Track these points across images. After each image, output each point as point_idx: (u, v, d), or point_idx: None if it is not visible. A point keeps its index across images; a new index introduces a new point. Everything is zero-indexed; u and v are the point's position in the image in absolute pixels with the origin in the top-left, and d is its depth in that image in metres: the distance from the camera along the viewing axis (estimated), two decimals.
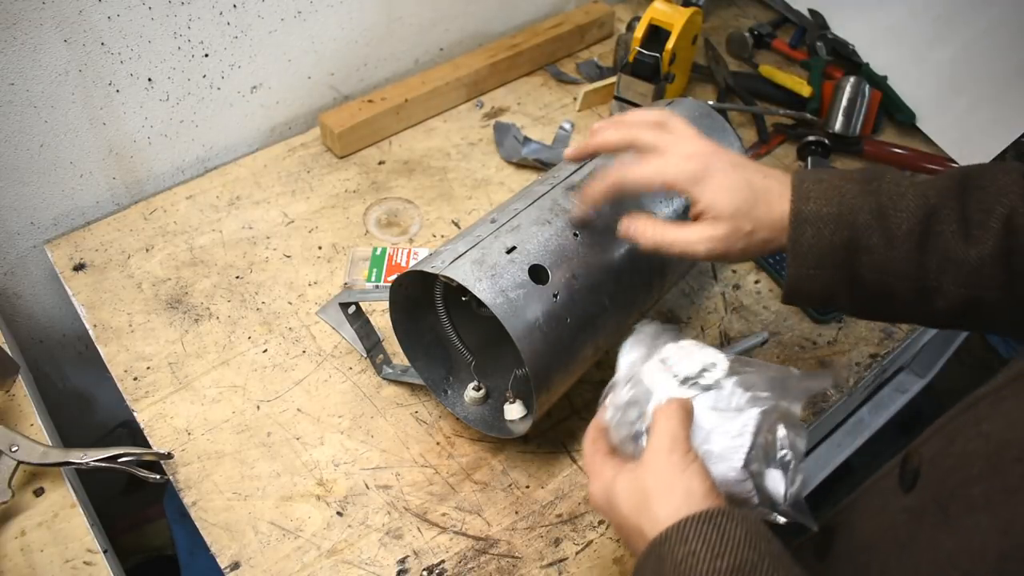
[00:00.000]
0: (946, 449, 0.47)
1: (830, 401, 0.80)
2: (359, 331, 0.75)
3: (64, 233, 0.90)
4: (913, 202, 0.55)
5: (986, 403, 0.45)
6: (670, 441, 0.49)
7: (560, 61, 1.17)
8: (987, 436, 0.44)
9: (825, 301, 0.59)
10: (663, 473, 0.48)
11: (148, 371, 0.78)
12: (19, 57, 0.77)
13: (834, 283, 0.57)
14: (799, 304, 0.62)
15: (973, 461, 0.44)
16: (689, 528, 0.44)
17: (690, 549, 0.43)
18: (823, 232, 0.56)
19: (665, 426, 0.50)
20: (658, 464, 0.49)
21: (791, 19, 1.24)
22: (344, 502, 0.70)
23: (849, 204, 0.56)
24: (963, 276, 0.54)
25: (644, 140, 0.61)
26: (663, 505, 0.47)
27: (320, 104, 1.05)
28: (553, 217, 0.66)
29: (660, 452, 0.49)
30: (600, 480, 0.52)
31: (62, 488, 0.69)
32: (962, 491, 0.43)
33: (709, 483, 0.48)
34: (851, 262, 0.56)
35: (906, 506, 0.48)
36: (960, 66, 1.07)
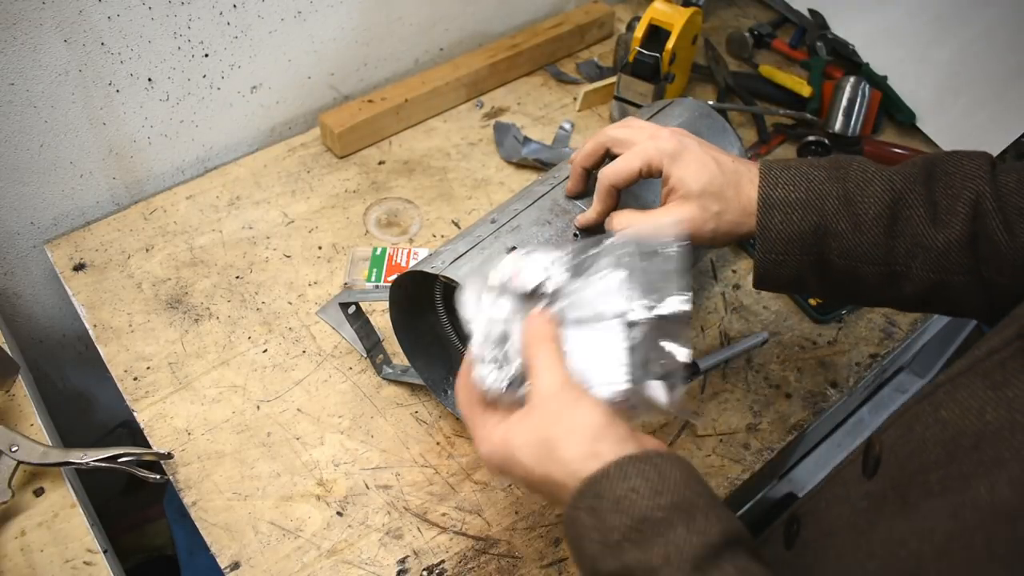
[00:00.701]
0: (905, 436, 0.47)
1: (830, 401, 0.80)
2: (359, 331, 0.75)
3: (64, 233, 0.90)
4: (880, 187, 0.56)
5: (944, 390, 0.45)
6: (551, 378, 0.48)
7: (560, 61, 1.17)
8: (944, 423, 0.44)
9: (795, 285, 0.60)
10: (557, 415, 0.47)
11: (148, 371, 0.78)
12: (19, 57, 0.77)
13: (803, 268, 0.58)
14: (771, 289, 0.62)
15: (931, 448, 0.44)
16: (629, 466, 0.44)
17: (631, 486, 0.43)
18: (791, 217, 0.57)
19: (540, 364, 0.49)
20: (549, 408, 0.48)
21: (791, 19, 1.24)
22: (344, 502, 0.70)
23: (817, 190, 0.57)
24: (931, 261, 0.55)
25: (616, 136, 0.62)
26: (569, 447, 0.46)
27: (320, 104, 1.05)
28: (553, 217, 0.66)
29: (547, 395, 0.48)
30: (488, 440, 0.50)
31: (62, 488, 0.69)
32: (921, 477, 0.43)
33: (604, 411, 0.47)
34: (819, 247, 0.57)
35: (867, 492, 0.48)
36: (960, 66, 1.07)
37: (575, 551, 0.46)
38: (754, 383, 0.81)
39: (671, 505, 0.43)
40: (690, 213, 0.58)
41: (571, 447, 0.46)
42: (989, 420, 0.41)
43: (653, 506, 0.43)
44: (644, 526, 0.42)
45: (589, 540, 0.44)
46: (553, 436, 0.47)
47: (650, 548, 0.42)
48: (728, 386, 0.80)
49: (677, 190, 0.59)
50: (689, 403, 0.52)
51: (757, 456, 0.75)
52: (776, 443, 0.76)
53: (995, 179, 0.55)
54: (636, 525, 0.42)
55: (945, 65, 1.08)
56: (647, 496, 0.43)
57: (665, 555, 0.41)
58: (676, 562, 0.41)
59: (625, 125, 0.63)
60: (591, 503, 0.44)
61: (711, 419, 0.77)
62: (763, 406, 0.79)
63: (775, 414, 0.78)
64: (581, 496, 0.45)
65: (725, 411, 0.78)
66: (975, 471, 0.40)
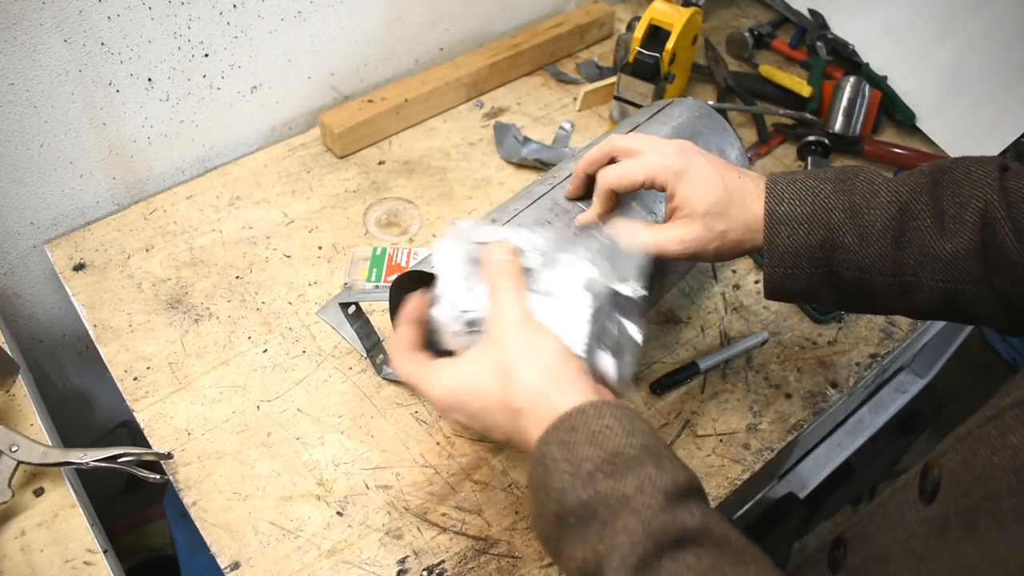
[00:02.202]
0: (969, 461, 0.46)
1: (830, 401, 0.80)
2: (359, 331, 0.75)
3: (64, 233, 0.90)
4: (886, 199, 0.56)
5: (1011, 415, 0.44)
6: (511, 311, 0.49)
7: (560, 61, 1.17)
8: (1015, 449, 0.43)
9: (807, 296, 0.61)
10: (517, 342, 0.48)
11: (148, 371, 0.78)
12: (19, 57, 0.77)
13: (813, 280, 0.58)
14: (782, 299, 0.63)
15: (1000, 475, 0.43)
16: (604, 407, 0.46)
17: (605, 423, 0.45)
18: (798, 232, 0.57)
19: (501, 295, 0.49)
20: (511, 333, 0.48)
21: (791, 19, 1.24)
22: (344, 502, 0.70)
23: (823, 203, 0.57)
24: (940, 271, 0.55)
25: (622, 145, 0.62)
26: (529, 368, 0.47)
27: (320, 104, 1.05)
28: (553, 217, 0.66)
29: (507, 325, 0.48)
30: (439, 381, 0.51)
31: (62, 488, 0.69)
32: (990, 505, 0.42)
33: (563, 344, 0.48)
34: (828, 260, 0.57)
35: (926, 518, 0.47)
36: (960, 66, 1.07)
37: (539, 489, 0.47)
38: (754, 383, 0.81)
39: (642, 446, 0.45)
40: (695, 233, 0.58)
41: (531, 369, 0.47)
42: None
43: (627, 444, 0.45)
44: (617, 460, 0.44)
45: (559, 472, 0.45)
46: (512, 359, 0.48)
47: (623, 478, 0.44)
48: (728, 386, 0.80)
49: (682, 209, 0.59)
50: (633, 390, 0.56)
51: (757, 456, 0.75)
52: (776, 443, 0.76)
53: (1004, 186, 0.54)
54: (609, 458, 0.44)
55: (945, 65, 1.08)
56: (621, 434, 0.45)
57: (639, 485, 0.43)
58: (649, 491, 0.43)
59: (633, 137, 0.63)
60: (564, 436, 0.45)
61: (711, 419, 0.77)
62: (763, 406, 0.79)
63: (775, 414, 0.78)
64: (555, 429, 0.46)
65: (725, 411, 0.78)
66: None
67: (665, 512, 0.42)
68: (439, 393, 0.51)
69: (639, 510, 0.42)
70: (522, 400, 0.47)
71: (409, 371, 0.54)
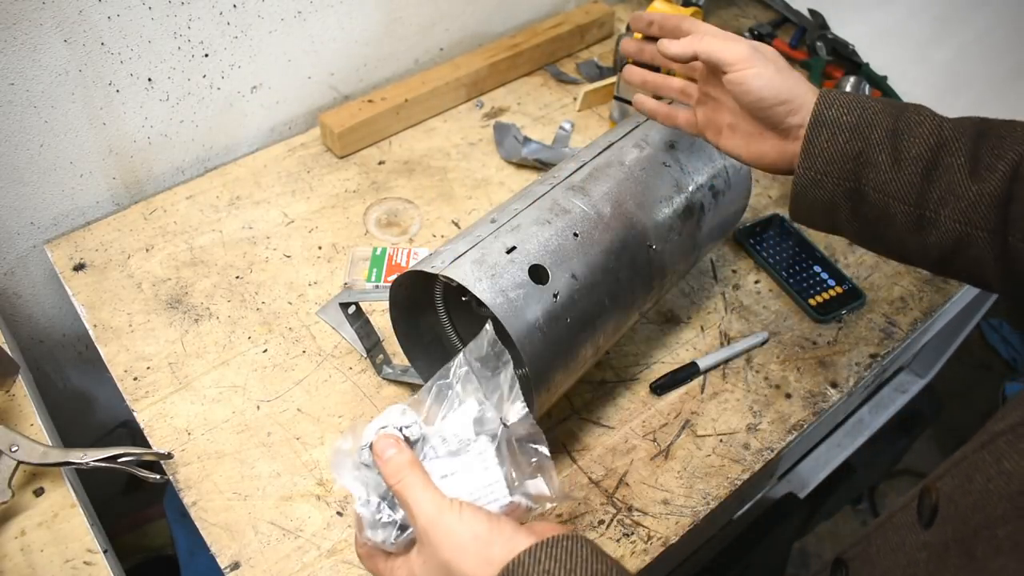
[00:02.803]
0: (965, 486, 0.46)
1: (830, 401, 0.80)
2: (359, 331, 0.75)
3: (64, 233, 0.90)
4: (928, 129, 0.57)
5: (1004, 440, 0.44)
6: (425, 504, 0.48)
7: (560, 61, 1.17)
8: (1008, 475, 0.43)
9: (828, 215, 0.61)
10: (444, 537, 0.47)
11: (148, 371, 0.78)
12: (19, 57, 0.77)
13: (838, 194, 0.59)
14: (804, 218, 0.63)
15: (996, 502, 0.43)
16: (539, 551, 0.44)
17: (544, 568, 0.44)
18: (837, 138, 0.58)
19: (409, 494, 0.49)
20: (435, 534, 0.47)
21: (791, 19, 1.24)
22: (344, 502, 0.70)
23: (868, 118, 0.58)
24: (960, 210, 0.56)
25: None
26: (464, 563, 0.46)
27: (320, 104, 1.05)
28: (553, 217, 0.66)
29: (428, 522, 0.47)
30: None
31: (62, 488, 0.69)
32: (987, 532, 0.42)
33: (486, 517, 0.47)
34: (857, 175, 0.58)
35: (925, 543, 0.47)
36: (959, 66, 1.07)
37: None
38: (754, 383, 0.81)
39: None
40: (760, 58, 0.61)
41: (466, 563, 0.46)
42: None
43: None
44: None
45: None
46: (447, 559, 0.47)
47: None
48: (728, 386, 0.80)
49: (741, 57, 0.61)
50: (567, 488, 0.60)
51: (757, 456, 0.75)
52: (776, 443, 0.76)
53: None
54: None
55: (945, 65, 1.08)
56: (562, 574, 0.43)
57: None
58: None
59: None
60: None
61: (711, 419, 0.77)
62: (763, 406, 0.79)
63: (775, 414, 0.78)
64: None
65: (725, 411, 0.78)
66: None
67: None
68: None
69: None
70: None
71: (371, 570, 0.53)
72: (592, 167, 0.72)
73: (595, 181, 0.71)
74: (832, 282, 0.89)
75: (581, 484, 0.72)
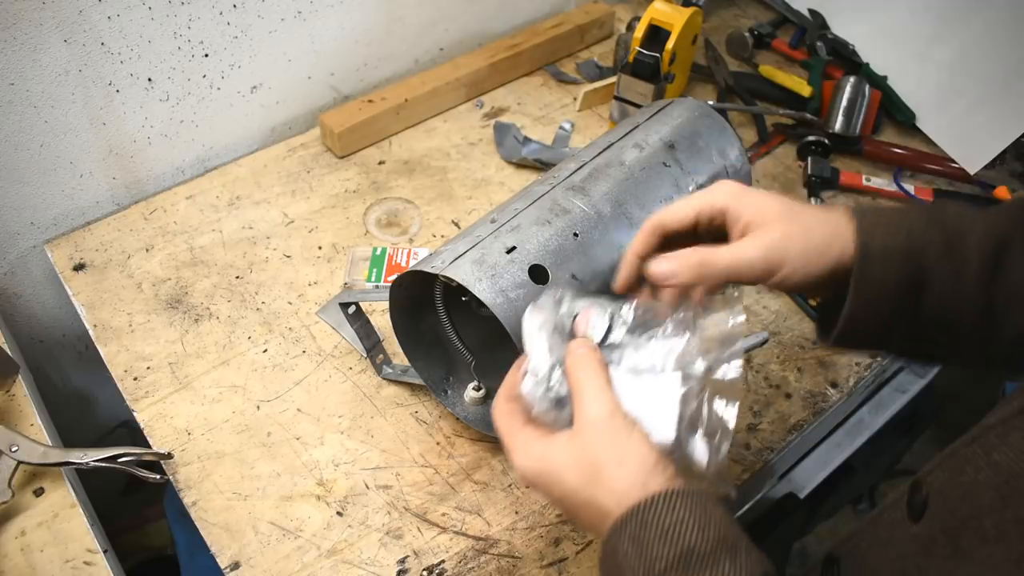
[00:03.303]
0: (955, 479, 0.46)
1: (830, 401, 0.80)
2: (359, 331, 0.75)
3: (64, 233, 0.90)
4: (983, 232, 0.52)
5: (995, 433, 0.45)
6: (604, 404, 0.47)
7: (560, 61, 1.17)
8: (997, 466, 0.43)
9: (877, 340, 0.56)
10: (609, 440, 0.46)
11: (148, 371, 0.78)
12: (19, 57, 0.77)
13: (894, 319, 0.53)
14: (851, 345, 0.57)
15: (983, 492, 0.43)
16: (676, 499, 0.44)
17: (679, 517, 0.43)
18: (891, 267, 0.52)
19: (592, 386, 0.48)
20: (600, 431, 0.47)
21: (791, 19, 1.24)
22: (344, 502, 0.70)
23: (918, 237, 0.52)
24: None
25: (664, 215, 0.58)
26: (619, 475, 0.46)
27: (320, 104, 1.05)
28: (553, 217, 0.66)
29: (599, 418, 0.47)
30: (527, 454, 0.50)
31: (62, 488, 0.69)
32: (974, 522, 0.43)
33: (656, 448, 0.47)
34: (916, 297, 0.52)
35: (914, 536, 0.47)
36: (960, 66, 1.07)
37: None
38: (754, 383, 0.81)
39: (717, 539, 0.43)
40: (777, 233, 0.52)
41: (621, 475, 0.46)
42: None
43: (701, 539, 0.43)
44: (691, 558, 0.42)
45: (631, 569, 0.44)
46: (601, 461, 0.46)
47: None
48: None
49: (754, 219, 0.53)
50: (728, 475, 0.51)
51: (757, 456, 0.75)
52: (776, 443, 0.76)
53: None
54: (683, 556, 0.42)
55: (945, 65, 1.08)
56: (694, 528, 0.43)
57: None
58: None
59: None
60: (635, 532, 0.44)
61: None
62: (763, 406, 0.79)
63: (775, 414, 0.78)
64: (625, 524, 0.44)
65: None
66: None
67: None
68: (522, 464, 0.50)
69: None
70: (610, 503, 0.46)
71: (501, 425, 0.52)
72: (592, 167, 0.72)
73: (595, 181, 0.71)
74: None
75: None
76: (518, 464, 0.50)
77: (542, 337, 0.51)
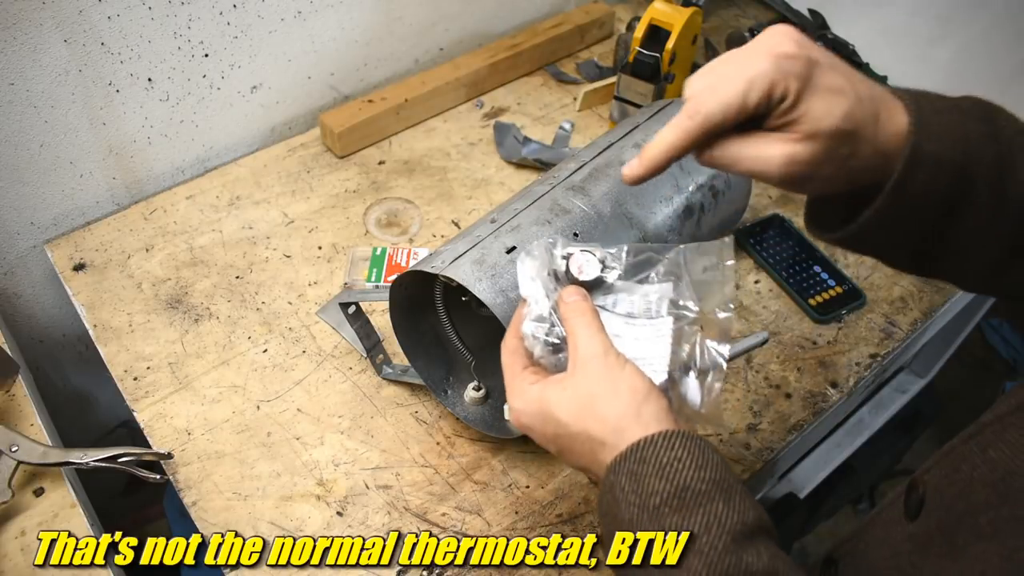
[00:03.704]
0: (951, 476, 0.46)
1: (830, 401, 0.80)
2: (359, 331, 0.75)
3: (64, 233, 0.90)
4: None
5: (991, 430, 0.45)
6: (597, 343, 0.48)
7: (560, 61, 1.17)
8: (993, 463, 0.43)
9: (891, 248, 0.51)
10: (603, 374, 0.47)
11: (148, 371, 0.78)
12: (19, 57, 0.77)
13: (913, 235, 0.48)
14: (859, 247, 0.51)
15: (979, 489, 0.43)
16: (675, 438, 0.45)
17: (676, 455, 0.44)
18: (938, 180, 0.45)
19: (585, 329, 0.49)
20: (594, 366, 0.48)
21: (791, 19, 1.24)
22: (344, 502, 0.70)
23: (973, 153, 0.45)
24: None
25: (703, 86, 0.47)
26: (613, 405, 0.46)
27: (320, 104, 1.05)
28: (553, 217, 0.66)
29: (593, 356, 0.48)
30: (524, 394, 0.50)
31: (62, 488, 0.69)
32: (969, 520, 0.43)
33: (647, 379, 0.48)
34: (949, 215, 0.47)
35: (911, 534, 0.47)
36: (960, 66, 1.07)
37: (607, 517, 0.46)
38: (754, 383, 0.81)
39: (712, 480, 0.43)
40: (810, 154, 0.44)
41: (615, 405, 0.46)
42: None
43: (696, 478, 0.43)
44: (686, 495, 0.43)
45: (627, 504, 0.44)
46: (596, 393, 0.47)
47: (691, 515, 0.42)
48: (728, 386, 0.80)
49: (801, 124, 0.44)
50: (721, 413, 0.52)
51: (757, 456, 0.75)
52: (776, 443, 0.76)
53: None
54: (678, 492, 0.43)
55: (945, 65, 1.08)
56: (691, 467, 0.44)
57: (706, 524, 0.42)
58: (716, 531, 0.42)
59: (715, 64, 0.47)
60: (633, 467, 0.44)
61: None
62: (763, 406, 0.79)
63: (775, 414, 0.78)
64: (623, 460, 0.45)
65: (725, 411, 0.78)
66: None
67: (731, 554, 0.41)
68: (519, 406, 0.51)
69: (704, 551, 0.41)
70: (603, 433, 0.46)
71: (505, 363, 0.53)
72: (592, 167, 0.72)
73: (595, 181, 0.71)
74: (832, 282, 0.89)
75: (582, 483, 0.72)
76: (515, 406, 0.51)
77: (538, 284, 0.52)
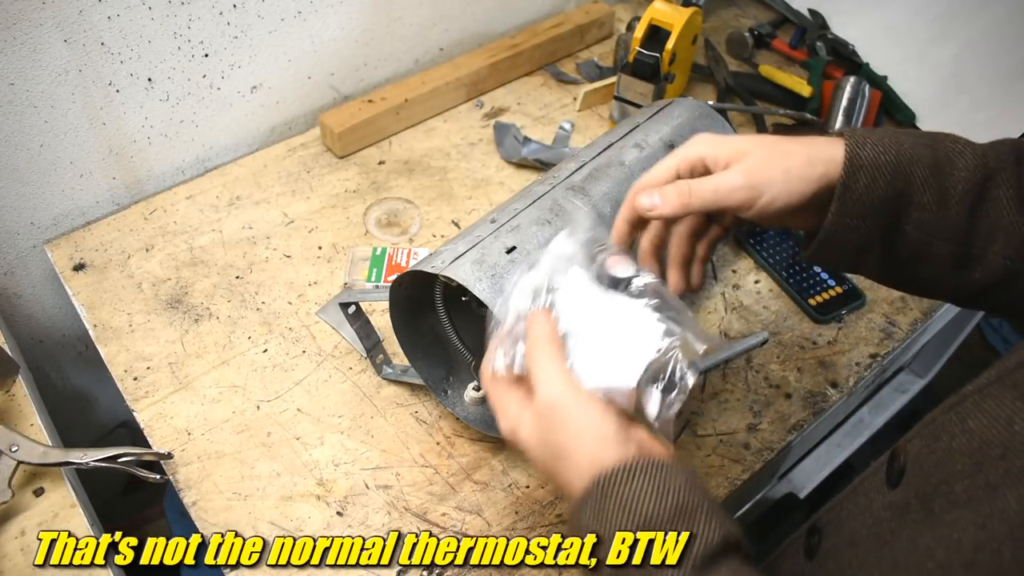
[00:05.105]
0: (931, 446, 0.47)
1: (830, 401, 0.80)
2: (359, 331, 0.75)
3: (64, 233, 0.90)
4: (972, 161, 0.53)
5: (971, 401, 0.45)
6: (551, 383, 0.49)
7: (560, 61, 1.17)
8: (971, 433, 0.44)
9: (854, 258, 0.57)
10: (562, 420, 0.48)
11: (148, 371, 0.78)
12: (19, 57, 0.77)
13: (873, 237, 0.54)
14: (825, 261, 0.58)
15: (957, 458, 0.44)
16: (636, 469, 0.45)
17: (636, 488, 0.45)
18: (878, 181, 0.52)
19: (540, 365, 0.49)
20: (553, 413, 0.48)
21: (791, 19, 1.24)
22: (344, 502, 0.70)
23: (907, 154, 0.53)
24: (1011, 247, 0.53)
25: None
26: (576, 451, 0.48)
27: (320, 104, 1.05)
28: (553, 217, 0.66)
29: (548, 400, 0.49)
30: (506, 417, 0.52)
31: (62, 488, 0.69)
32: (945, 488, 0.43)
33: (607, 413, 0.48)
34: (898, 215, 0.53)
35: (890, 502, 0.48)
36: (960, 66, 1.07)
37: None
38: (754, 383, 0.81)
39: (674, 508, 0.44)
40: (757, 160, 0.54)
41: (578, 451, 0.48)
42: (1018, 430, 0.41)
43: (656, 509, 0.44)
44: (649, 528, 0.44)
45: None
46: (558, 441, 0.48)
47: None
48: (728, 386, 0.80)
49: (733, 155, 0.55)
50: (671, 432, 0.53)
51: (757, 456, 0.75)
52: (776, 443, 0.76)
53: None
54: (641, 525, 0.44)
55: (946, 65, 1.08)
56: (651, 499, 0.44)
57: None
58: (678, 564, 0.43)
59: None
60: (597, 503, 0.46)
61: (711, 419, 0.77)
62: (763, 406, 0.79)
63: (775, 414, 0.78)
64: (587, 497, 0.46)
65: (725, 411, 0.78)
66: (1003, 481, 0.40)
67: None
68: (503, 430, 0.52)
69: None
70: (572, 477, 0.48)
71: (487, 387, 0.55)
72: (592, 167, 0.72)
73: (595, 181, 0.71)
74: (832, 282, 0.89)
75: None
76: (500, 428, 0.53)
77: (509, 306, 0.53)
